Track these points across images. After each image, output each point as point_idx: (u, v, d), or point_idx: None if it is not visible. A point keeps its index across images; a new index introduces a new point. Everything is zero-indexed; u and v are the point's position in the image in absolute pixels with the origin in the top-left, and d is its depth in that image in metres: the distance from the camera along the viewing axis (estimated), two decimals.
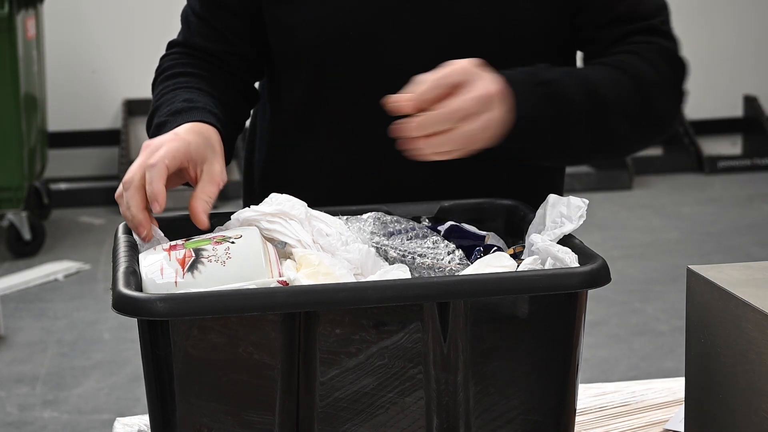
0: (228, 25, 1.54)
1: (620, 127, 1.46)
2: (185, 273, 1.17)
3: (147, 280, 1.17)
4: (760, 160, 6.89)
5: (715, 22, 7.07)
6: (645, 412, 1.45)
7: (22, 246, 5.29)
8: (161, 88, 1.52)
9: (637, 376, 3.82)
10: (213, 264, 1.18)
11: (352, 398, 1.13)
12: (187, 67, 1.54)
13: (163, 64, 1.57)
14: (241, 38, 1.55)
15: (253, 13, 1.53)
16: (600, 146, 1.47)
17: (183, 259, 1.18)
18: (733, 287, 1.15)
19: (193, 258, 1.18)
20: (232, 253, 1.19)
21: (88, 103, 6.46)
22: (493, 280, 1.14)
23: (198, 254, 1.18)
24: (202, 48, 1.55)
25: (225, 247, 1.19)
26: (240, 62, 1.56)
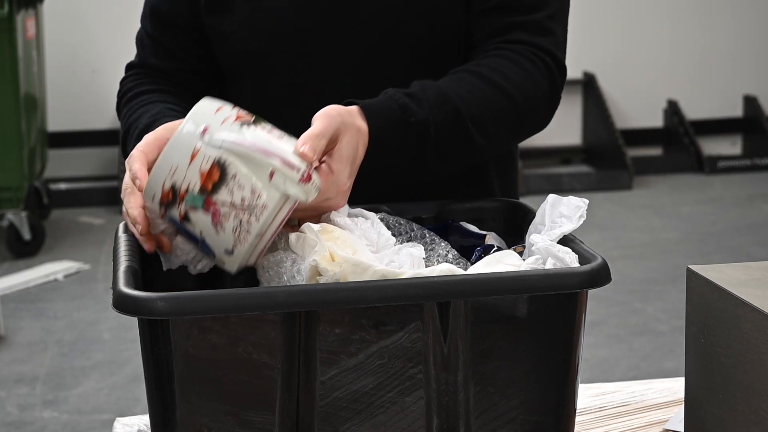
0: (176, 42, 1.60)
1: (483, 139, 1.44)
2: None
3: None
4: (760, 160, 6.89)
5: (715, 22, 7.07)
6: (645, 412, 1.45)
7: (22, 246, 5.29)
8: (126, 110, 1.56)
9: (637, 376, 3.82)
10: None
11: (352, 398, 1.13)
12: (146, 85, 1.59)
13: (124, 87, 1.62)
14: (191, 54, 1.60)
15: (197, 28, 1.58)
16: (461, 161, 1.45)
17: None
18: (732, 287, 1.15)
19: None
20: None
21: (88, 103, 6.47)
22: (493, 280, 1.14)
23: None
24: (156, 67, 1.62)
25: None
26: (193, 77, 1.61)
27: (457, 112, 1.40)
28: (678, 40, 6.98)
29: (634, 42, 6.68)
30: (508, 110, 1.45)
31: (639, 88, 6.72)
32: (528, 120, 1.48)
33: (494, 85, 1.43)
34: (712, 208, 6.09)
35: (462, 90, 1.42)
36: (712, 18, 7.06)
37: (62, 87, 6.30)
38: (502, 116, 1.44)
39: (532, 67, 1.46)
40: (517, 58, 1.46)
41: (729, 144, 7.21)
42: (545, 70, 1.47)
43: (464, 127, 1.41)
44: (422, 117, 1.38)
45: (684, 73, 7.05)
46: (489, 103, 1.43)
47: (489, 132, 1.44)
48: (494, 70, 1.44)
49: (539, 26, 1.48)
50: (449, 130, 1.40)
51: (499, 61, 1.45)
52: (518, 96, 1.45)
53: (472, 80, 1.43)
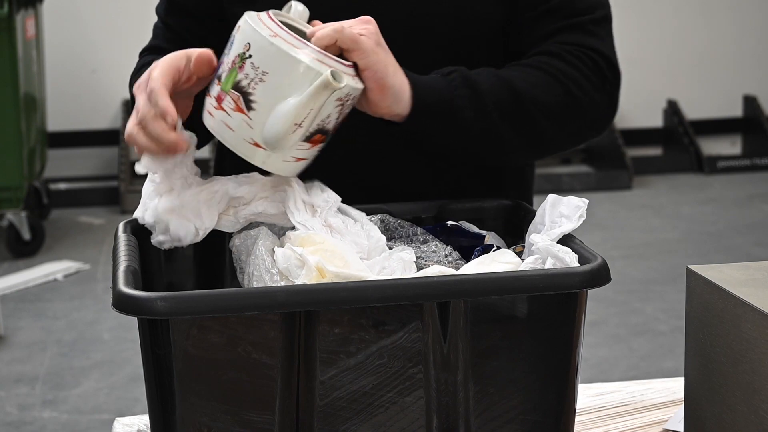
0: (190, 29, 1.60)
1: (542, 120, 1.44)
2: (248, 113, 1.23)
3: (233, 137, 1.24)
4: (760, 160, 6.89)
5: (715, 22, 7.07)
6: (644, 412, 1.45)
7: (21, 246, 5.29)
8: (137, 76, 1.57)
9: (636, 376, 3.82)
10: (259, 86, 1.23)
11: (352, 398, 1.13)
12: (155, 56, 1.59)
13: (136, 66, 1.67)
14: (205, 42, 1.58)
15: (214, 16, 1.58)
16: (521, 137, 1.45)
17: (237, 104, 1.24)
18: (732, 287, 1.15)
19: (240, 96, 1.24)
20: (258, 64, 1.23)
21: (87, 103, 6.46)
22: (493, 279, 1.14)
23: (240, 89, 1.23)
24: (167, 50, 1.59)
25: (249, 63, 1.23)
26: None
27: (518, 94, 1.42)
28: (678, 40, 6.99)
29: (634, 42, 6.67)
30: (568, 99, 1.45)
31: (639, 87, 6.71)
32: (588, 112, 1.48)
33: (551, 75, 1.44)
34: (712, 208, 6.09)
35: (516, 73, 1.43)
36: (711, 18, 7.06)
37: (62, 87, 6.30)
38: (562, 103, 1.45)
39: (580, 63, 1.47)
40: (565, 55, 1.46)
41: (729, 144, 7.21)
42: (594, 67, 1.48)
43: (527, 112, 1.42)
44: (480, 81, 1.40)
45: (684, 73, 7.05)
46: (547, 88, 1.44)
47: (551, 115, 1.44)
48: (548, 64, 1.45)
49: (587, 29, 1.49)
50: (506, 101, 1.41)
51: (549, 59, 1.46)
52: (574, 88, 1.45)
53: (530, 71, 1.44)
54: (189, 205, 1.27)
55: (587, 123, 1.50)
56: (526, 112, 1.43)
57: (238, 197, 1.28)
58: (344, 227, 1.26)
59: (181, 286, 1.34)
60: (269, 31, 1.25)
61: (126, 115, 6.39)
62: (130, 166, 6.24)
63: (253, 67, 1.24)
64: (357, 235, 1.26)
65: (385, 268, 1.21)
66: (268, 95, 1.24)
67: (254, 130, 1.25)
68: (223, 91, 1.26)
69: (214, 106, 1.27)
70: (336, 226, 1.26)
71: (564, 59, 1.47)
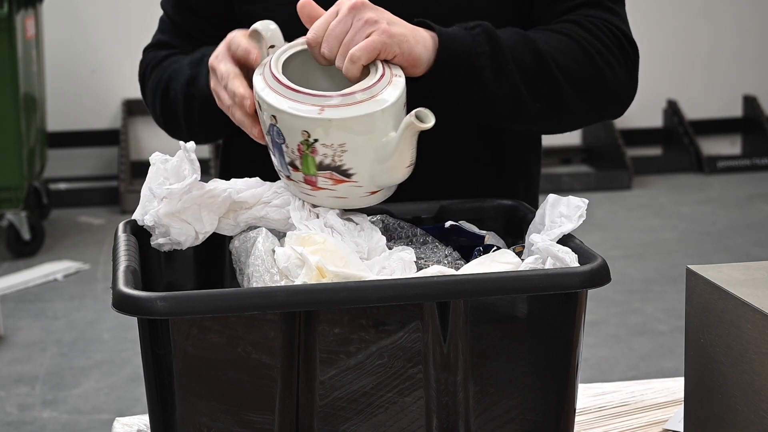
0: (196, 26, 1.59)
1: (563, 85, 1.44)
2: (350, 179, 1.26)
3: None
4: (760, 160, 6.89)
5: (715, 22, 7.07)
6: (644, 412, 1.45)
7: (21, 246, 5.29)
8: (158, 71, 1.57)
9: (636, 376, 3.82)
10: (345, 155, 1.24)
11: (352, 398, 1.13)
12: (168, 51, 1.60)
13: (145, 60, 1.62)
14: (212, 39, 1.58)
15: (221, 15, 1.57)
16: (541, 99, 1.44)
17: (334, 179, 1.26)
18: (732, 287, 1.15)
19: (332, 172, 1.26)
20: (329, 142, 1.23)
21: (87, 103, 6.47)
22: (493, 279, 1.14)
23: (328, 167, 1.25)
24: (174, 46, 1.61)
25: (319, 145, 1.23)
26: None
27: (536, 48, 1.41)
28: (678, 39, 6.99)
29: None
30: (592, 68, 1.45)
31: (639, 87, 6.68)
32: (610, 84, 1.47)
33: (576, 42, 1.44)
34: (712, 208, 6.09)
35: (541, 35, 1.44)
36: (711, 18, 7.06)
37: (62, 87, 6.30)
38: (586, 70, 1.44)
39: (606, 38, 1.47)
40: (593, 29, 1.47)
41: (729, 144, 7.21)
42: (617, 42, 1.48)
43: (544, 63, 1.41)
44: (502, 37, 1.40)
45: (684, 73, 7.05)
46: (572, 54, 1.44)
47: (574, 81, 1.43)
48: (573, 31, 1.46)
49: (606, 5, 1.50)
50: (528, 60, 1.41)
51: (576, 27, 1.47)
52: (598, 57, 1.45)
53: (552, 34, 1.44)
54: (189, 210, 1.27)
55: (609, 96, 1.49)
56: (548, 73, 1.42)
57: (239, 202, 1.28)
58: (344, 228, 1.26)
59: (181, 286, 1.34)
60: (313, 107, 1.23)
61: (126, 114, 6.40)
62: (130, 166, 6.24)
63: (326, 146, 1.23)
64: (357, 236, 1.26)
65: (385, 268, 1.21)
66: (360, 157, 1.24)
67: (364, 186, 1.26)
68: (310, 176, 1.26)
69: (311, 189, 1.27)
70: (336, 226, 1.26)
71: (588, 29, 1.47)
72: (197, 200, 1.27)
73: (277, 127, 1.25)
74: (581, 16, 1.48)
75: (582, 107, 1.47)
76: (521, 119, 1.45)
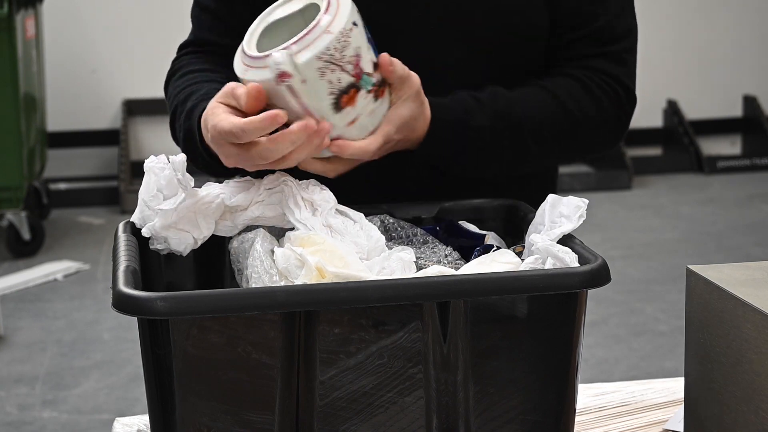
0: (240, 19, 1.53)
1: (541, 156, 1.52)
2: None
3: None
4: (760, 160, 6.89)
5: (715, 22, 7.07)
6: (645, 412, 1.45)
7: (21, 246, 5.29)
8: (173, 88, 1.54)
9: (636, 376, 3.82)
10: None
11: (352, 398, 1.13)
12: (197, 64, 1.56)
13: (175, 66, 1.59)
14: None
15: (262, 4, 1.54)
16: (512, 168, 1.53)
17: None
18: (732, 287, 1.15)
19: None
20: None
21: (87, 103, 6.46)
22: (493, 279, 1.14)
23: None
24: (213, 43, 1.58)
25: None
26: None
27: (519, 127, 1.48)
28: (678, 39, 6.99)
29: None
30: (569, 129, 1.52)
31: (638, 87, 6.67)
32: (589, 141, 1.55)
33: (562, 105, 1.51)
34: (712, 208, 6.09)
35: (530, 104, 1.50)
36: (711, 18, 7.06)
37: (62, 87, 6.30)
38: (562, 135, 1.51)
39: (602, 94, 1.53)
40: (589, 85, 1.53)
41: (729, 144, 7.21)
42: (614, 97, 1.54)
43: (522, 141, 1.49)
44: (483, 124, 1.46)
45: (684, 73, 7.05)
46: (552, 119, 1.50)
47: (547, 147, 1.51)
48: (566, 91, 1.51)
49: (618, 57, 1.55)
50: (507, 139, 1.48)
51: (572, 83, 1.52)
52: (581, 116, 1.52)
53: (543, 97, 1.50)
54: (185, 218, 1.27)
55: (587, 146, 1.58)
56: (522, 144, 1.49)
57: (233, 206, 1.28)
58: (344, 228, 1.26)
59: (181, 286, 1.34)
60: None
61: (126, 114, 6.40)
62: (130, 166, 6.24)
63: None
64: (356, 236, 1.26)
65: (384, 268, 1.21)
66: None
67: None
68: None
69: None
70: (336, 226, 1.26)
71: (584, 86, 1.53)
72: (192, 208, 1.27)
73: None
74: (586, 71, 1.54)
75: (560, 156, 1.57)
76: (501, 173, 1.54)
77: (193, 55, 1.59)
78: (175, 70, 1.58)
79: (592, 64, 1.54)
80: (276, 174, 1.29)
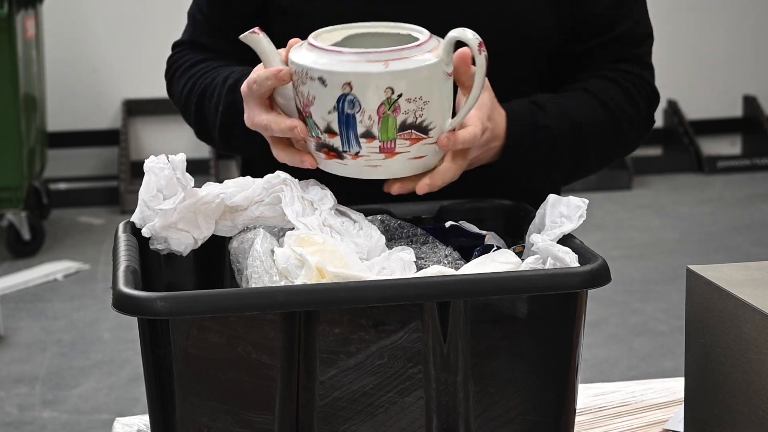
0: (233, 23, 1.56)
1: (593, 158, 1.55)
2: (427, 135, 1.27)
3: None
4: (760, 160, 6.89)
5: (715, 22, 7.07)
6: (645, 412, 1.45)
7: (21, 246, 5.29)
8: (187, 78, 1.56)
9: (636, 376, 3.82)
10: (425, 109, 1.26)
11: (352, 398, 1.13)
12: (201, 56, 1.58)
13: (177, 61, 1.60)
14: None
15: (259, 8, 1.55)
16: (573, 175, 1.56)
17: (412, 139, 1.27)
18: (732, 287, 1.15)
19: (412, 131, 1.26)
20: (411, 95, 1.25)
21: (87, 102, 6.46)
22: (493, 279, 1.14)
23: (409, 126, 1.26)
24: (208, 46, 1.58)
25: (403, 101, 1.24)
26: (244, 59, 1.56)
27: (578, 125, 1.50)
28: (677, 39, 6.98)
29: None
30: (613, 130, 1.55)
31: None
32: (627, 142, 1.59)
33: (605, 106, 1.53)
34: (712, 208, 6.09)
35: (580, 107, 1.52)
36: (711, 18, 7.06)
37: (62, 87, 6.29)
38: (609, 136, 1.55)
39: (637, 94, 1.56)
40: (626, 86, 1.55)
41: (728, 144, 7.21)
42: (646, 98, 1.58)
43: (582, 141, 1.51)
44: (548, 123, 1.47)
45: (683, 73, 7.05)
46: (600, 121, 1.53)
47: (599, 149, 1.54)
48: (606, 93, 1.54)
49: (642, 60, 1.59)
50: (569, 141, 1.49)
51: (609, 85, 1.55)
52: (622, 118, 1.55)
53: (588, 99, 1.53)
54: (185, 218, 1.27)
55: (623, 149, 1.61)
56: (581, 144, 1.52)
57: (233, 206, 1.28)
58: (344, 228, 1.26)
59: (181, 286, 1.34)
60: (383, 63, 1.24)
61: (126, 114, 6.40)
62: (130, 166, 6.24)
63: (410, 101, 1.24)
64: (356, 236, 1.26)
65: (384, 269, 1.21)
66: (437, 109, 1.26)
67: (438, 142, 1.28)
68: (388, 141, 1.26)
69: (384, 158, 1.27)
70: (336, 226, 1.26)
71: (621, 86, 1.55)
72: (192, 207, 1.27)
73: (351, 95, 1.24)
74: (619, 72, 1.56)
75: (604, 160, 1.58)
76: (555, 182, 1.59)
77: (191, 52, 1.60)
78: (180, 64, 1.59)
79: (621, 67, 1.56)
80: (276, 174, 1.29)
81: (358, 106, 1.24)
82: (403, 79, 1.23)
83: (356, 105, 1.24)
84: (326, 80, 1.24)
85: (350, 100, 1.24)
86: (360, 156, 1.27)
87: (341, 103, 1.25)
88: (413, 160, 1.28)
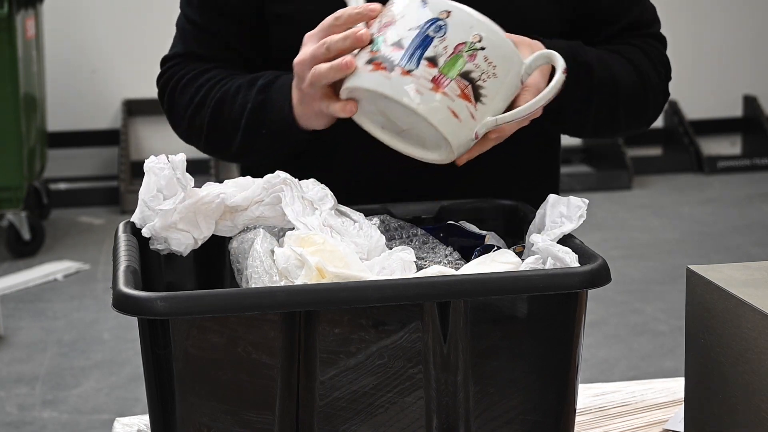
0: (228, 31, 1.55)
1: (623, 113, 1.55)
2: (476, 104, 1.25)
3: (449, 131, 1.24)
4: (760, 160, 6.89)
5: (715, 22, 7.07)
6: (645, 412, 1.45)
7: (21, 246, 5.29)
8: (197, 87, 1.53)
9: (636, 376, 3.82)
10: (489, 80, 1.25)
11: (352, 398, 1.13)
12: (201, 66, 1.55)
13: (176, 73, 1.56)
14: (243, 43, 1.55)
15: (253, 15, 1.54)
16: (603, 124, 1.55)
17: (464, 93, 1.24)
18: (732, 287, 1.15)
19: (469, 86, 1.24)
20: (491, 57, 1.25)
21: (87, 103, 6.47)
22: (494, 279, 1.14)
23: (471, 80, 1.24)
24: (204, 56, 1.55)
25: (482, 55, 1.24)
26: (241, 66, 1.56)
27: (614, 75, 1.51)
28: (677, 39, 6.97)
29: None
30: (643, 92, 1.57)
31: None
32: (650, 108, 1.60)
33: (637, 69, 1.55)
34: (712, 208, 6.09)
35: (614, 63, 1.53)
36: (711, 17, 7.06)
37: (62, 87, 6.30)
38: (639, 96, 1.56)
39: (660, 65, 1.60)
40: (650, 53, 1.59)
41: (729, 144, 7.21)
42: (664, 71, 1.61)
43: (615, 95, 1.52)
44: (588, 60, 1.48)
45: (684, 73, 7.04)
46: (633, 80, 1.54)
47: (628, 106, 1.55)
48: (635, 56, 1.56)
49: (659, 36, 1.63)
50: (606, 89, 1.50)
51: (636, 50, 1.57)
52: (649, 84, 1.57)
53: (619, 58, 1.54)
54: (185, 218, 1.27)
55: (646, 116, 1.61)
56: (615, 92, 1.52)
57: (233, 206, 1.28)
58: (344, 228, 1.26)
59: (181, 286, 1.34)
60: (500, 29, 1.26)
61: (126, 114, 6.40)
62: (130, 166, 6.24)
63: (486, 60, 1.25)
64: (356, 236, 1.26)
65: (384, 268, 1.21)
66: (497, 91, 1.26)
67: (476, 120, 1.26)
68: (444, 76, 1.24)
69: (430, 88, 1.25)
70: (335, 226, 1.26)
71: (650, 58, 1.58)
72: (192, 207, 1.27)
73: (443, 22, 1.25)
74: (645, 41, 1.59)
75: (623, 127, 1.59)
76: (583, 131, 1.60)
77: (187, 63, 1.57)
78: (181, 76, 1.55)
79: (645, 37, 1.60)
80: (276, 174, 1.30)
81: (443, 32, 1.25)
82: (494, 37, 1.25)
83: (442, 31, 1.25)
84: (429, 2, 1.26)
85: (440, 25, 1.25)
86: (410, 74, 1.25)
87: (428, 25, 1.26)
88: (448, 112, 1.25)
